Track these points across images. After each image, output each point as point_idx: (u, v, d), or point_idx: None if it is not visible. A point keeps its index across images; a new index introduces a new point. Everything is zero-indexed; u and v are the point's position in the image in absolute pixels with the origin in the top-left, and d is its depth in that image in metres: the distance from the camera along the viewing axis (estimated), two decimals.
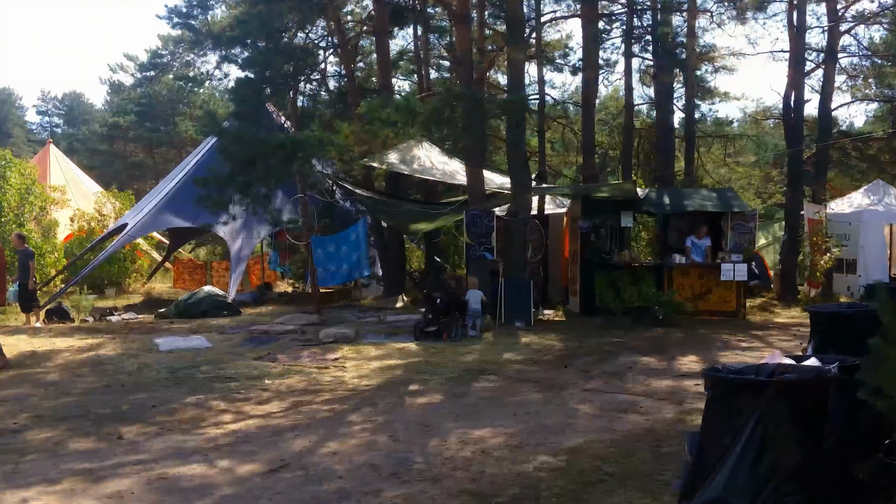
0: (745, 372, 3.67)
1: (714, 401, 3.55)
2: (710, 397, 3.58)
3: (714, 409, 3.55)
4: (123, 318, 15.85)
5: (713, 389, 3.56)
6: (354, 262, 16.89)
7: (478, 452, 6.24)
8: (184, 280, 22.45)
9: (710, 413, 3.57)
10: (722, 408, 3.48)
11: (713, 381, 3.58)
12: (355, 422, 7.35)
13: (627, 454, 6.09)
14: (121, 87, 35.06)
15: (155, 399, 8.39)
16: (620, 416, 7.39)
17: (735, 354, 10.77)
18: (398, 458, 6.14)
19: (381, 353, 11.07)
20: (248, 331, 13.40)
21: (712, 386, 3.57)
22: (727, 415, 3.42)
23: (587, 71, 17.10)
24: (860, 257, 18.39)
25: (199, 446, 6.57)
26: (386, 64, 17.52)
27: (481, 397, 8.32)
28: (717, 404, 3.52)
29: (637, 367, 9.93)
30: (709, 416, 3.58)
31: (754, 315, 15.44)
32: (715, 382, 3.56)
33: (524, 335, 12.53)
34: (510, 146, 13.92)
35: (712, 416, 3.56)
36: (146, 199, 21.16)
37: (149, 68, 21.41)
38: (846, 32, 21.15)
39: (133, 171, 42.31)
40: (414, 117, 10.66)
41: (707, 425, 3.58)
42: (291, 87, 15.17)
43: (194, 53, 19.12)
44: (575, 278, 15.84)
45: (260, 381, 9.27)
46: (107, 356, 11.15)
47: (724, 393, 3.48)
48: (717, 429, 3.47)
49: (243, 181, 11.69)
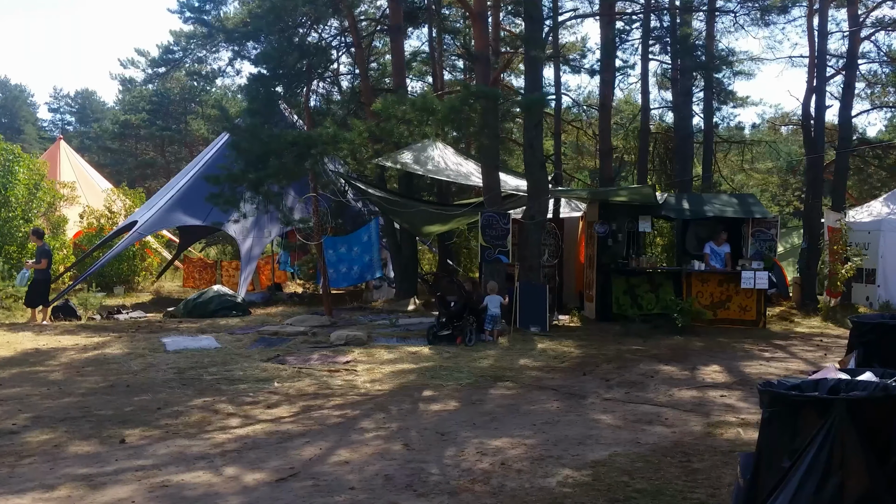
0: (803, 388, 3.34)
1: (772, 419, 3.22)
2: (768, 416, 3.24)
3: (772, 428, 3.22)
4: (131, 317, 15.62)
5: (771, 407, 3.23)
6: (366, 263, 16.57)
7: (497, 464, 5.92)
8: (193, 279, 22.24)
9: (768, 432, 3.23)
10: (781, 427, 3.15)
11: (772, 397, 3.25)
12: (368, 429, 7.05)
13: (656, 469, 5.76)
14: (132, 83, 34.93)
15: (160, 401, 8.12)
16: (645, 427, 7.06)
17: (759, 365, 10.41)
18: (413, 468, 5.84)
19: (394, 357, 10.76)
20: (257, 332, 13.13)
21: (770, 403, 3.24)
22: (788, 435, 3.10)
23: (605, 73, 16.78)
24: (880, 267, 17.99)
25: (204, 452, 6.29)
26: (400, 63, 17.24)
27: (498, 405, 8.00)
28: (775, 423, 3.19)
29: (658, 376, 9.60)
30: (766, 436, 3.24)
31: (774, 324, 15.06)
32: (774, 399, 3.22)
33: (540, 341, 12.21)
34: (527, 147, 13.59)
35: (770, 436, 3.22)
36: (156, 197, 20.96)
37: (160, 64, 21.21)
38: (866, 38, 20.76)
39: (144, 170, 42.21)
40: (431, 115, 10.37)
41: (764, 446, 3.24)
42: (305, 85, 14.88)
43: (206, 49, 18.91)
44: (591, 283, 15.50)
45: (269, 384, 8.99)
46: (112, 355, 10.90)
47: (784, 411, 3.15)
48: (776, 450, 3.15)
49: (256, 178, 11.42)
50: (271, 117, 15.33)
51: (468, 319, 11.90)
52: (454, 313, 11.90)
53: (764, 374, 9.72)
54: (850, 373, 3.84)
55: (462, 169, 16.01)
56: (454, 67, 25.79)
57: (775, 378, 3.61)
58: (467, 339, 11.72)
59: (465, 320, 11.88)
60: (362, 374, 9.61)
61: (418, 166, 15.05)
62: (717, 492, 5.26)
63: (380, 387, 8.93)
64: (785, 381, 3.45)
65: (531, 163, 13.47)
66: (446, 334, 11.82)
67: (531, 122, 13.37)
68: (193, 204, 18.48)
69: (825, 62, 18.02)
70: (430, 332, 12.01)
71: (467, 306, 12.00)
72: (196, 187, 18.76)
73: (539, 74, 13.67)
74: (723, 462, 5.92)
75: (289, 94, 16.15)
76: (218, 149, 20.15)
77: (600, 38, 16.92)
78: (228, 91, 46.45)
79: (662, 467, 5.82)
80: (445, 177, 15.58)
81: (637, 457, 6.10)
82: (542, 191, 13.31)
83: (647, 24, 20.91)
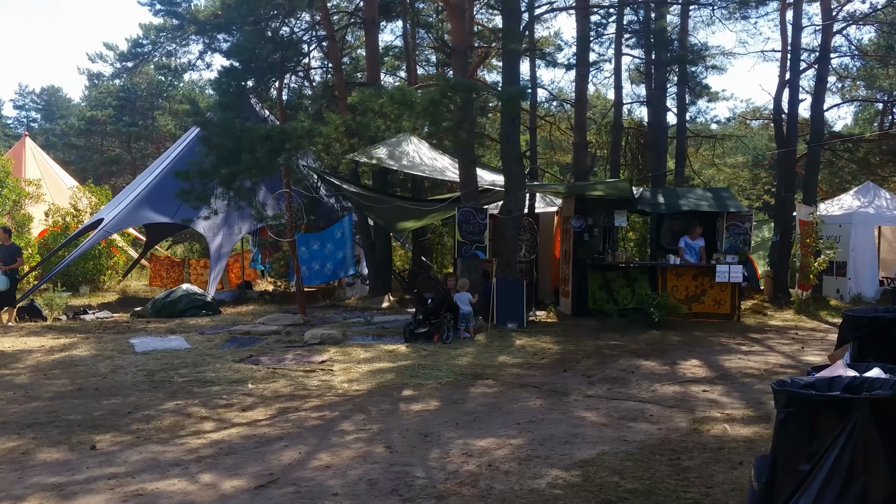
0: (818, 386, 3.22)
1: (789, 420, 3.08)
2: (784, 416, 3.10)
3: (788, 429, 3.08)
4: (98, 317, 15.22)
5: (788, 407, 3.09)
6: (340, 260, 16.35)
7: (484, 466, 5.76)
8: (161, 278, 21.79)
9: (784, 434, 3.09)
10: (799, 428, 3.01)
11: (789, 397, 3.11)
12: (348, 431, 6.85)
13: (646, 468, 5.64)
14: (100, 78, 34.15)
15: (130, 405, 7.84)
16: (630, 424, 6.94)
17: (738, 359, 10.37)
18: (397, 472, 5.66)
19: (371, 356, 10.56)
20: (228, 331, 12.84)
21: (787, 403, 3.10)
22: (805, 437, 2.96)
23: (580, 66, 16.68)
24: (850, 260, 18.16)
25: (178, 458, 6.05)
26: (374, 57, 16.99)
27: (480, 404, 7.85)
28: (793, 424, 3.05)
29: (639, 371, 9.51)
30: (781, 438, 3.10)
31: (748, 318, 15.10)
32: (791, 399, 3.08)
33: (518, 337, 12.07)
34: (504, 142, 13.44)
35: (786, 438, 3.08)
36: (123, 194, 20.50)
37: (129, 58, 20.69)
38: (838, 32, 20.92)
39: (110, 167, 41.37)
40: (409, 109, 10.15)
41: (779, 448, 3.10)
42: (276, 79, 14.57)
43: (176, 43, 18.49)
44: (567, 279, 15.42)
45: (243, 386, 8.75)
46: (80, 357, 10.56)
47: (801, 412, 3.01)
48: (793, 452, 3.01)
49: (228, 174, 11.11)
50: (242, 111, 15.02)
51: (446, 316, 11.72)
52: (431, 310, 11.72)
53: (743, 368, 9.68)
54: (856, 369, 3.72)
55: (437, 164, 15.82)
56: (427, 62, 25.58)
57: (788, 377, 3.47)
58: (445, 336, 11.55)
59: (443, 317, 11.69)
60: (339, 374, 9.40)
61: (393, 161, 14.83)
62: (710, 491, 5.15)
63: (358, 387, 8.73)
64: (798, 379, 3.32)
65: (508, 157, 13.32)
66: (423, 332, 11.64)
67: (508, 116, 13.21)
68: (161, 201, 18.07)
69: (799, 55, 18.09)
70: (407, 329, 11.81)
71: (445, 303, 11.82)
72: (164, 184, 18.34)
73: (516, 68, 13.51)
74: (713, 459, 5.82)
75: (260, 89, 15.82)
76: (186, 144, 19.74)
77: (576, 32, 16.81)
78: (196, 86, 45.80)
79: (652, 466, 5.70)
80: (421, 172, 15.38)
81: (625, 455, 5.98)
82: (520, 185, 13.17)
83: (620, 19, 20.88)
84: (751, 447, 6.11)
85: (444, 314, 11.72)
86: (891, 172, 23.50)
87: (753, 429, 6.70)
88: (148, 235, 23.60)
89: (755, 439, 6.35)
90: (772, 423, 6.84)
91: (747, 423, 6.90)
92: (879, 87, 23.16)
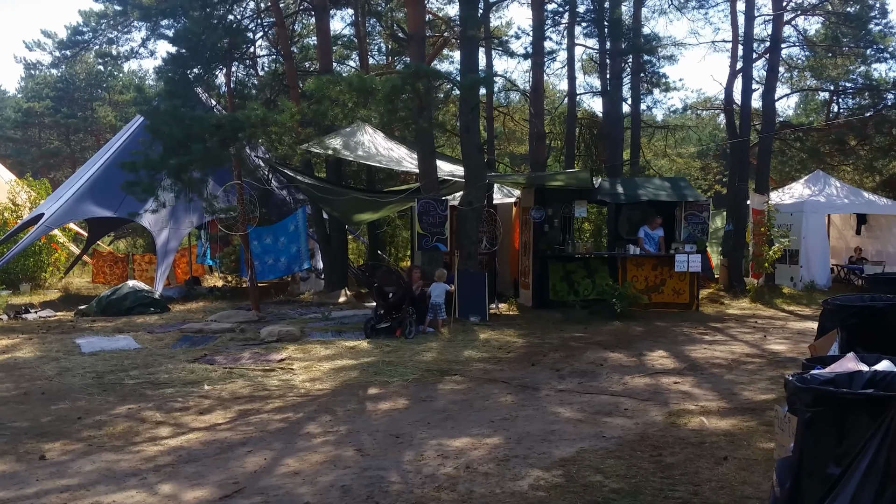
0: (838, 382, 3.02)
1: (814, 421, 2.87)
2: (810, 416, 2.89)
3: (814, 430, 2.87)
4: (40, 316, 14.53)
5: (814, 407, 2.88)
6: (294, 254, 15.93)
7: (461, 468, 5.50)
8: (104, 274, 21.01)
9: (808, 435, 2.88)
10: (826, 429, 2.80)
11: (816, 395, 2.89)
12: (314, 433, 6.52)
13: (628, 466, 5.44)
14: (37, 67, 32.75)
15: (80, 409, 7.38)
16: (606, 419, 6.76)
17: (704, 349, 10.31)
18: (371, 476, 5.36)
19: (331, 353, 10.21)
20: (179, 330, 12.35)
21: (813, 402, 2.89)
22: (833, 438, 2.76)
23: (536, 55, 16.48)
24: (802, 248, 18.38)
25: (134, 467, 5.65)
26: (326, 44, 16.51)
27: (450, 401, 7.58)
28: (818, 425, 2.84)
29: (607, 363, 9.36)
30: (806, 439, 2.89)
31: (705, 307, 15.14)
32: (819, 397, 2.87)
33: (481, 331, 11.84)
34: (464, 132, 13.16)
35: (811, 440, 2.87)
36: (64, 187, 19.69)
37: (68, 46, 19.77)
38: (788, 23, 21.14)
39: (48, 160, 39.86)
40: (369, 96, 9.79)
41: (804, 450, 2.89)
42: (225, 66, 14.03)
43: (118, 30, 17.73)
44: (527, 270, 15.24)
45: (198, 387, 8.33)
46: (24, 359, 10.01)
47: (829, 411, 2.80)
48: (819, 455, 2.80)
49: (177, 164, 10.60)
50: (188, 101, 14.44)
51: (407, 311, 11.42)
52: (393, 305, 11.40)
53: (710, 358, 9.61)
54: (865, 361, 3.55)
55: (393, 154, 15.47)
56: (379, 50, 25.15)
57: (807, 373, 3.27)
58: (407, 331, 11.25)
59: (405, 312, 11.39)
60: (300, 373, 9.04)
61: (348, 152, 14.43)
62: (698, 489, 4.97)
63: (320, 386, 8.39)
64: (818, 375, 3.12)
65: (468, 147, 13.04)
66: (385, 327, 11.32)
67: (468, 106, 12.93)
68: (104, 194, 17.39)
69: (752, 45, 18.19)
70: (368, 325, 11.47)
71: (406, 297, 11.51)
72: (106, 176, 17.65)
73: (475, 55, 13.23)
74: (696, 455, 5.65)
75: (207, 77, 15.25)
76: (130, 134, 19.03)
77: (532, 21, 16.58)
78: (136, 77, 44.41)
79: (635, 463, 5.51)
80: (377, 162, 15.01)
81: (606, 452, 5.78)
82: (480, 176, 12.92)
83: (573, 8, 20.72)
84: (732, 441, 5.98)
85: (406, 308, 11.41)
86: (839, 161, 23.91)
87: (731, 421, 6.57)
88: (90, 230, 22.73)
89: (735, 432, 6.21)
90: (748, 415, 6.77)
91: (724, 416, 6.77)
92: (828, 77, 23.49)
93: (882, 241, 20.14)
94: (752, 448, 5.78)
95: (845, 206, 19.63)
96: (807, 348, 9.97)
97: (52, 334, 12.19)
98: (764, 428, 6.30)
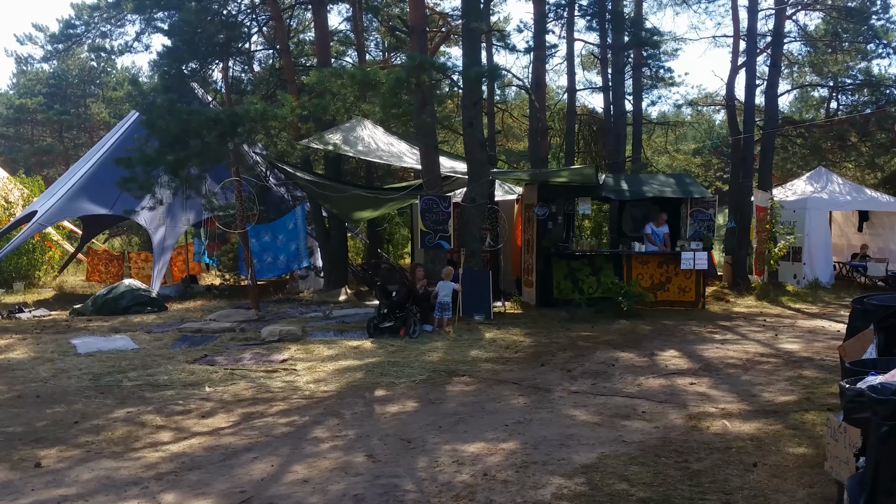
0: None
1: (892, 435, 2.63)
2: (888, 430, 2.65)
3: (892, 445, 2.63)
4: (34, 316, 14.21)
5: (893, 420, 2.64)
6: (293, 252, 15.65)
7: (479, 475, 5.26)
8: (99, 273, 20.68)
9: (886, 451, 2.65)
10: None
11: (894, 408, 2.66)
12: (322, 438, 6.27)
13: (654, 473, 5.20)
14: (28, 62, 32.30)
15: (76, 413, 7.12)
16: (624, 423, 6.52)
17: (716, 349, 10.08)
18: (384, 485, 5.11)
19: (335, 353, 9.95)
20: (178, 329, 12.06)
21: (892, 415, 2.65)
22: None
23: (538, 50, 16.23)
24: (805, 245, 18.19)
25: (135, 475, 5.39)
26: (324, 38, 16.21)
27: (461, 404, 7.34)
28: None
29: (619, 364, 9.12)
30: (885, 455, 2.65)
31: (711, 305, 14.91)
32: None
33: (487, 330, 11.59)
34: (467, 126, 12.90)
35: (890, 455, 2.64)
36: (57, 185, 19.36)
37: (60, 39, 19.42)
38: (789, 18, 20.94)
39: (41, 157, 39.40)
40: (373, 90, 9.51)
41: (883, 467, 2.66)
42: (220, 60, 13.72)
43: (111, 24, 17.42)
44: (530, 268, 14.99)
45: (199, 389, 8.07)
46: (17, 360, 9.71)
47: None
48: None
49: (175, 160, 10.31)
50: (184, 95, 14.16)
51: (411, 310, 11.16)
52: (396, 303, 11.14)
53: (724, 358, 9.38)
54: None
55: (394, 149, 15.19)
56: (375, 46, 24.87)
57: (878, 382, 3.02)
58: (411, 330, 10.99)
59: (409, 310, 11.13)
60: (303, 374, 8.78)
61: (349, 147, 14.14)
62: (730, 498, 4.74)
63: (325, 387, 8.13)
64: (888, 384, 2.87)
65: (471, 143, 12.79)
66: (388, 326, 11.05)
67: (470, 100, 12.67)
68: (99, 191, 17.09)
69: (755, 40, 17.97)
70: (371, 324, 11.21)
71: (410, 295, 11.25)
72: (101, 173, 17.35)
73: (478, 48, 12.95)
74: (723, 461, 5.42)
75: (203, 71, 14.96)
76: (125, 131, 18.71)
77: (534, 14, 16.33)
78: (129, 73, 43.95)
79: (660, 470, 5.28)
80: (377, 158, 14.73)
81: (628, 458, 5.54)
82: (483, 172, 12.67)
83: (572, 2, 20.46)
84: (759, 446, 5.75)
85: (409, 307, 11.15)
86: (841, 158, 23.73)
87: (755, 425, 6.33)
88: (84, 228, 22.41)
89: (761, 437, 5.98)
90: (771, 417, 6.54)
91: (746, 419, 6.54)
92: (828, 73, 23.29)
93: (884, 238, 19.95)
94: (782, 454, 5.55)
95: (848, 203, 19.45)
96: (824, 349, 9.79)
97: (46, 334, 11.90)
98: (790, 432, 6.08)
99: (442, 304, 11.58)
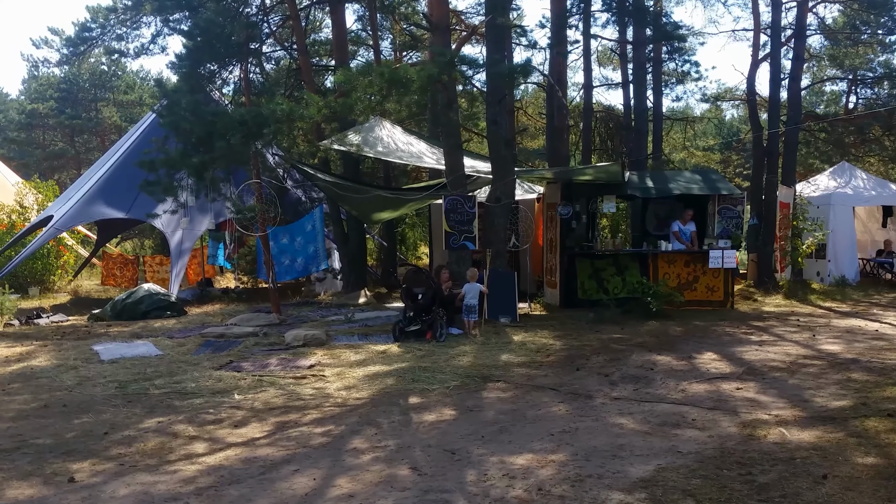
0: None
1: None
2: None
3: None
4: (53, 321, 14.05)
5: None
6: (311, 254, 15.41)
7: (533, 490, 5.01)
8: (114, 277, 20.49)
9: None
10: None
11: None
12: (361, 449, 6.03)
13: (720, 487, 4.94)
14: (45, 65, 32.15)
15: (105, 423, 6.90)
16: (676, 432, 6.26)
17: (756, 351, 9.79)
18: (434, 500, 4.87)
19: (362, 358, 9.72)
20: (200, 334, 11.86)
21: None
22: None
23: (558, 46, 15.96)
24: (830, 242, 17.87)
25: (174, 490, 5.17)
26: (342, 37, 16.01)
27: (500, 411, 7.09)
28: None
29: (658, 368, 8.86)
30: None
31: (740, 304, 14.64)
32: None
33: (514, 333, 11.33)
34: (491, 124, 12.66)
35: None
36: (73, 189, 19.22)
37: (76, 43, 19.27)
38: (810, 10, 20.61)
39: (53, 161, 39.42)
40: (402, 87, 9.27)
41: None
42: (241, 62, 13.53)
43: (127, 26, 17.26)
44: (553, 268, 14.74)
45: (228, 397, 7.86)
46: (40, 368, 9.52)
47: None
48: None
49: (199, 162, 10.10)
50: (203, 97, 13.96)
51: (438, 313, 10.92)
52: (423, 306, 10.90)
53: (766, 361, 9.10)
54: None
55: (413, 149, 14.95)
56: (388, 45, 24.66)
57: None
58: (438, 334, 10.75)
59: (435, 314, 10.89)
60: (333, 381, 8.55)
61: (369, 148, 13.92)
62: None
63: (357, 395, 7.90)
64: None
65: (495, 141, 12.54)
66: (415, 329, 10.81)
67: (495, 98, 12.41)
68: (115, 195, 16.96)
69: (780, 32, 17.65)
70: (397, 327, 10.96)
71: (436, 298, 11.01)
72: (117, 177, 17.23)
73: (503, 44, 12.73)
74: (790, 473, 5.16)
75: (221, 72, 14.76)
76: (140, 133, 18.58)
77: (552, 10, 16.05)
78: (138, 77, 43.88)
79: (725, 483, 5.01)
80: (397, 158, 14.50)
81: (688, 471, 5.28)
82: (509, 171, 12.42)
83: None
84: (825, 456, 5.48)
85: (436, 310, 10.92)
86: (865, 152, 23.38)
87: (814, 433, 6.06)
88: (99, 232, 22.27)
89: (824, 446, 5.71)
90: (829, 424, 6.27)
91: (804, 427, 6.26)
92: (849, 66, 22.93)
93: None
94: (851, 464, 5.28)
95: (873, 199, 19.14)
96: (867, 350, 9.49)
97: (67, 340, 11.71)
98: (854, 440, 5.81)
99: (469, 307, 11.33)
